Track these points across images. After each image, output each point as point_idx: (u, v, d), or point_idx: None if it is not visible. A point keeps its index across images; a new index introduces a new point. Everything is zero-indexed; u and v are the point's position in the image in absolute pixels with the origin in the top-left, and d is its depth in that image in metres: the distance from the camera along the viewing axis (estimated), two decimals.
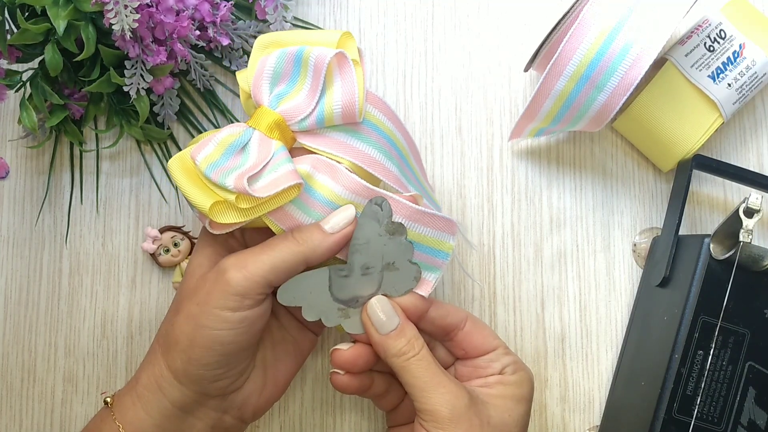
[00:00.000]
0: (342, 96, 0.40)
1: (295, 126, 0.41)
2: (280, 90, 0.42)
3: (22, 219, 0.52)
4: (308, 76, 0.41)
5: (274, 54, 0.42)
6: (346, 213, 0.41)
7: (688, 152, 0.50)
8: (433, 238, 0.43)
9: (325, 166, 0.41)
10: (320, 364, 0.51)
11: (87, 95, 0.49)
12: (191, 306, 0.40)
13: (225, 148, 0.40)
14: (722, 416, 0.45)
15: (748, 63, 0.49)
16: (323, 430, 0.51)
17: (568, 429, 0.51)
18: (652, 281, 0.49)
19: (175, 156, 0.41)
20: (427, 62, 0.54)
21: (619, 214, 0.53)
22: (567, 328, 0.52)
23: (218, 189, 0.39)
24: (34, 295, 0.51)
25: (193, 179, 0.40)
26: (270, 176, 0.39)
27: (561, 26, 0.47)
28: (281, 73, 0.42)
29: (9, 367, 0.51)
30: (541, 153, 0.53)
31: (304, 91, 0.41)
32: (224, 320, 0.39)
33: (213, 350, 0.39)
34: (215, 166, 0.39)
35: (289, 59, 0.41)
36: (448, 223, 0.43)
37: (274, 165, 0.40)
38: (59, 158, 0.52)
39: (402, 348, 0.41)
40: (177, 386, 0.40)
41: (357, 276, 0.41)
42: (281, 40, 0.43)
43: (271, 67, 0.42)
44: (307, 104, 0.41)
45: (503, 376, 0.43)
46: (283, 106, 0.41)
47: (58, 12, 0.43)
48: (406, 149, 0.45)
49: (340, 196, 0.41)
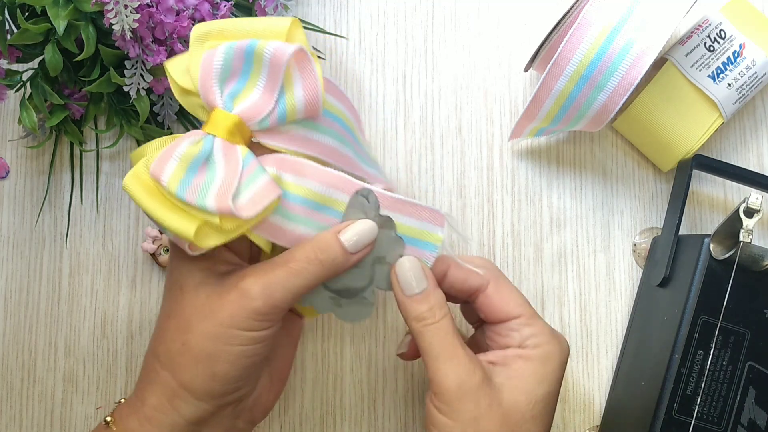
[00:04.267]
0: (304, 92, 0.38)
1: (254, 126, 0.39)
2: (232, 88, 0.39)
3: (22, 219, 0.52)
4: (263, 72, 0.38)
5: (219, 49, 0.39)
6: (369, 232, 0.40)
7: (688, 152, 0.50)
8: (419, 229, 0.41)
9: (290, 164, 0.39)
10: (320, 364, 0.51)
11: (87, 95, 0.49)
12: (208, 326, 0.38)
13: (189, 163, 0.37)
14: (722, 416, 0.45)
15: (748, 63, 0.49)
16: (323, 430, 0.51)
17: (568, 429, 0.51)
18: (652, 281, 0.49)
19: (130, 174, 0.38)
20: (427, 62, 0.54)
21: (619, 214, 0.53)
22: (567, 328, 0.52)
23: (197, 211, 0.37)
24: (34, 295, 0.51)
25: (161, 201, 0.37)
26: (249, 191, 0.37)
27: (561, 26, 0.47)
28: (230, 69, 0.39)
29: (9, 367, 0.51)
30: (541, 153, 0.53)
31: (259, 88, 0.39)
32: (250, 339, 0.38)
33: (238, 365, 0.39)
34: (185, 184, 0.37)
35: (239, 54, 0.38)
36: (434, 214, 0.42)
37: (249, 177, 0.38)
38: (59, 158, 0.52)
39: (423, 313, 0.40)
40: (195, 403, 0.39)
41: None
42: (221, 30, 0.40)
43: (219, 63, 0.38)
44: (265, 102, 0.39)
45: (523, 350, 0.41)
46: (239, 106, 0.39)
47: (58, 12, 0.43)
48: (352, 122, 0.44)
49: (317, 192, 0.39)
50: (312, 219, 0.40)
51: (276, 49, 0.38)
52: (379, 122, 0.53)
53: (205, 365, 0.38)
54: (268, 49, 0.38)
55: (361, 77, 0.53)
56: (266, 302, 0.38)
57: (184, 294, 0.40)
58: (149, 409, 0.39)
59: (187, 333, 0.39)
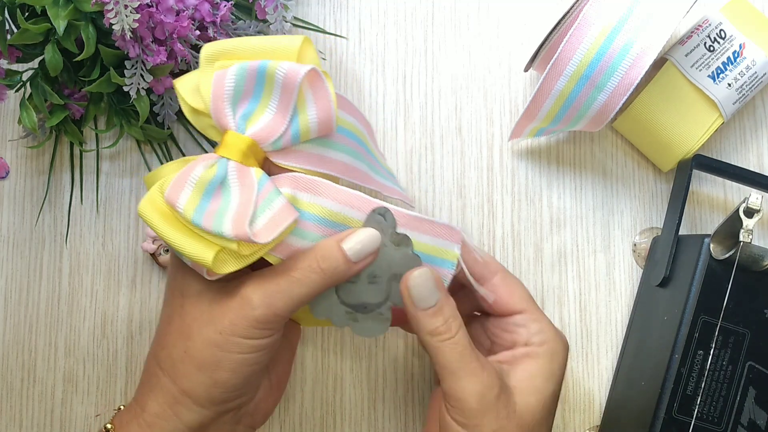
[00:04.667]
0: (317, 111, 0.38)
1: (268, 147, 0.39)
2: (244, 110, 0.39)
3: (22, 219, 0.52)
4: (275, 93, 0.38)
5: (231, 70, 0.38)
6: (371, 241, 0.39)
7: (688, 152, 0.50)
8: (435, 246, 0.41)
9: (305, 183, 0.39)
10: (320, 364, 0.51)
11: (87, 95, 0.49)
12: (210, 333, 0.38)
13: (204, 188, 0.37)
14: (722, 416, 0.45)
15: (748, 63, 0.49)
16: (323, 430, 0.51)
17: (568, 429, 0.51)
18: (652, 281, 0.49)
19: (145, 200, 0.38)
20: (427, 62, 0.54)
21: (619, 214, 0.53)
22: (567, 328, 0.52)
23: (214, 237, 0.36)
24: (34, 295, 0.51)
25: (177, 227, 0.37)
26: (266, 215, 0.37)
27: (561, 26, 0.47)
28: (242, 90, 0.39)
29: (9, 367, 0.51)
30: (541, 153, 0.53)
31: (271, 108, 0.39)
32: (251, 347, 0.38)
33: (239, 372, 0.39)
34: (201, 211, 0.37)
35: (251, 75, 0.38)
36: (450, 231, 0.41)
37: (265, 201, 0.37)
38: (59, 158, 0.52)
39: (438, 327, 0.39)
40: (196, 410, 0.39)
41: (364, 284, 0.41)
42: (231, 49, 0.40)
43: (231, 84, 0.38)
44: (278, 123, 0.38)
45: (530, 348, 0.41)
46: (252, 128, 0.39)
47: (58, 12, 0.43)
48: (365, 135, 0.44)
49: (332, 211, 0.39)
50: (327, 237, 0.39)
51: (288, 69, 0.37)
52: (379, 122, 0.53)
53: (206, 372, 0.38)
54: (280, 69, 0.37)
55: (361, 77, 0.53)
56: (267, 311, 0.38)
57: (185, 300, 0.40)
58: (150, 416, 0.39)
59: (188, 340, 0.39)
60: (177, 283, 0.41)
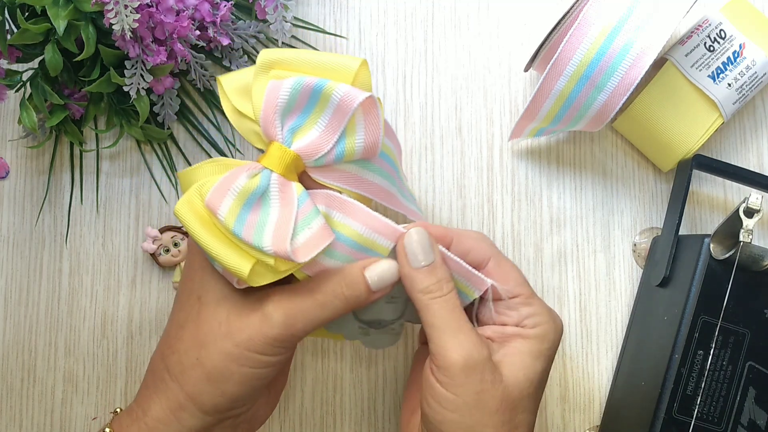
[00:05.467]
0: (365, 136, 0.38)
1: (310, 163, 0.39)
2: (293, 123, 0.39)
3: (22, 219, 0.52)
4: (327, 111, 0.38)
5: (287, 82, 0.38)
6: (392, 272, 0.39)
7: (688, 152, 0.50)
8: (459, 282, 0.41)
9: (339, 203, 0.39)
10: (320, 363, 0.51)
11: (87, 95, 0.49)
12: (226, 345, 0.38)
13: (245, 199, 0.37)
14: (722, 416, 0.45)
15: (748, 63, 0.49)
16: (323, 430, 0.51)
17: (568, 429, 0.51)
18: (652, 281, 0.49)
19: (182, 201, 0.38)
20: (427, 62, 0.54)
21: (619, 214, 0.53)
22: (567, 328, 0.52)
23: (252, 250, 0.36)
24: (34, 295, 0.51)
25: (214, 234, 0.37)
26: (305, 234, 0.37)
27: (561, 26, 0.47)
28: (294, 104, 0.38)
29: (9, 367, 0.51)
30: (541, 153, 0.53)
31: (320, 126, 0.38)
32: (264, 363, 0.38)
33: (248, 385, 0.39)
34: (241, 222, 0.37)
35: (306, 90, 0.38)
36: (478, 280, 0.41)
37: (304, 219, 0.37)
38: (59, 158, 0.52)
39: (429, 286, 0.39)
40: (200, 416, 0.39)
41: (381, 303, 0.41)
42: (288, 60, 0.39)
43: (285, 97, 0.38)
44: (325, 141, 0.38)
45: (522, 329, 0.41)
46: (298, 142, 0.39)
47: (58, 12, 0.43)
48: (397, 158, 0.44)
49: (361, 235, 0.39)
50: (353, 259, 0.39)
51: (346, 94, 0.37)
52: None
53: (216, 383, 0.38)
54: (337, 92, 0.37)
55: None
56: (286, 331, 0.38)
57: (202, 306, 0.40)
58: (152, 420, 0.39)
59: (202, 348, 0.39)
60: (195, 286, 0.40)
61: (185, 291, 0.41)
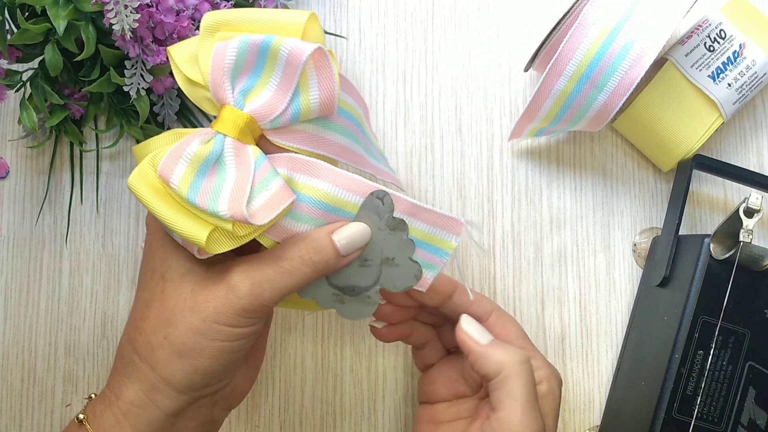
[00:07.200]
0: (320, 93, 0.37)
1: (266, 125, 0.38)
2: (244, 85, 0.38)
3: (22, 219, 0.52)
4: (277, 69, 0.37)
5: (232, 42, 0.37)
6: (361, 234, 0.38)
7: (688, 152, 0.50)
8: (434, 235, 0.40)
9: (302, 164, 0.38)
10: (320, 363, 0.51)
11: (87, 95, 0.49)
12: (193, 320, 0.37)
13: (199, 165, 0.36)
14: (722, 416, 0.45)
15: (748, 63, 0.49)
16: (323, 430, 0.51)
17: (568, 429, 0.51)
18: (652, 281, 0.49)
19: (135, 173, 0.37)
20: (427, 62, 0.54)
21: (619, 214, 0.53)
22: (567, 328, 0.52)
23: (207, 216, 0.35)
24: (34, 295, 0.51)
25: (169, 203, 0.36)
26: (262, 196, 0.36)
27: (561, 26, 0.47)
28: (243, 64, 0.37)
29: (9, 367, 0.51)
30: (541, 153, 0.53)
31: (272, 85, 0.37)
32: (235, 335, 0.38)
33: (221, 359, 0.38)
34: (195, 188, 0.35)
35: (253, 49, 0.37)
36: (452, 222, 0.40)
37: (262, 181, 0.36)
38: (59, 158, 0.52)
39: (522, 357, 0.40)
40: (174, 396, 0.38)
41: (354, 266, 0.40)
42: (233, 20, 0.38)
43: (232, 58, 0.37)
44: (278, 101, 0.37)
45: None
46: (251, 104, 0.37)
47: (58, 12, 0.43)
48: (362, 117, 0.43)
49: (328, 194, 0.38)
50: (323, 221, 0.38)
51: (293, 48, 0.36)
52: (379, 122, 0.53)
53: (187, 359, 0.37)
54: (284, 47, 0.36)
55: (361, 77, 0.53)
56: (254, 300, 0.37)
57: (166, 283, 0.39)
58: (125, 404, 0.38)
59: (169, 326, 0.38)
60: (156, 264, 0.39)
61: (147, 270, 0.40)
